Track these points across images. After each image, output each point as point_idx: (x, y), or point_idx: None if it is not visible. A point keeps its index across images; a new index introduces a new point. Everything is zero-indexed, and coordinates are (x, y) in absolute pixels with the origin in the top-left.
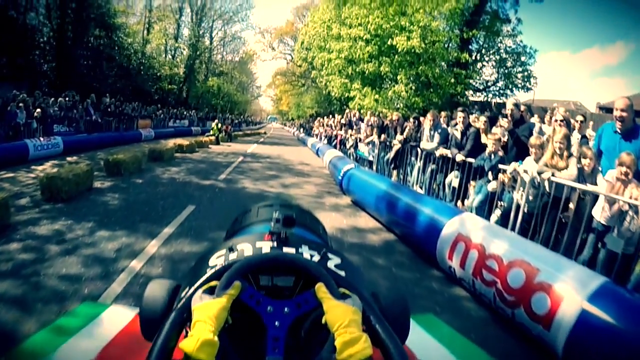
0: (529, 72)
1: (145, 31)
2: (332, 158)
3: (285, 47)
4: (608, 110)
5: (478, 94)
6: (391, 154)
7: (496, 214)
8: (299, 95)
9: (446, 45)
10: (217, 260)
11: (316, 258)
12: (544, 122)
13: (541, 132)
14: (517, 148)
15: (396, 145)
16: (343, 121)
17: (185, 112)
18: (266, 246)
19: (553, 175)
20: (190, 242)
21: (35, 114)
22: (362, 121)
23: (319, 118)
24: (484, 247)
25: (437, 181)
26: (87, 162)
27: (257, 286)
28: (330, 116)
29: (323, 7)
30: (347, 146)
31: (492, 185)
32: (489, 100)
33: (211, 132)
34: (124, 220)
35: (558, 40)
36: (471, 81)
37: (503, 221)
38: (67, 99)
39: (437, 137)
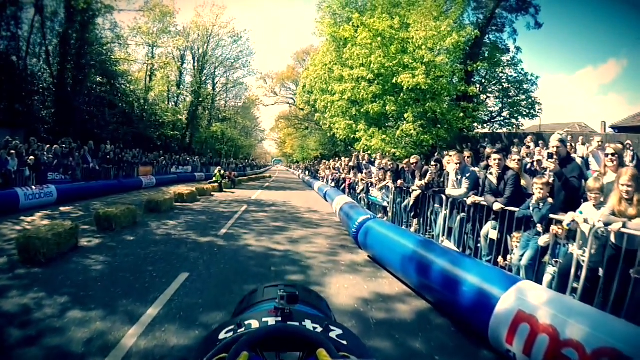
0: (533, 99)
1: (147, 78)
2: (343, 205)
3: (287, 92)
4: (621, 129)
5: (483, 126)
6: (410, 201)
7: (549, 272)
8: (302, 138)
9: (451, 80)
10: (226, 335)
11: (319, 330)
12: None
13: (586, 171)
14: (565, 192)
15: (416, 191)
16: (351, 164)
17: (188, 158)
18: (272, 321)
19: (624, 226)
20: (177, 330)
21: (28, 161)
22: (373, 164)
23: (324, 161)
24: (557, 331)
25: (466, 229)
26: (71, 221)
27: None
28: (337, 158)
29: (323, 50)
30: (358, 191)
31: (544, 239)
32: (495, 131)
33: (214, 179)
34: (103, 294)
35: (551, 64)
36: (477, 114)
37: (561, 282)
38: (63, 145)
39: (465, 183)
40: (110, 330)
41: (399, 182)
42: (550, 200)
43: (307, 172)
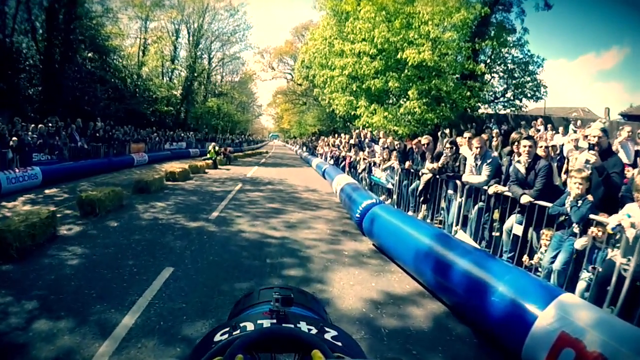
0: (538, 81)
1: (140, 53)
2: (344, 186)
3: (285, 67)
4: (630, 117)
5: (485, 106)
6: (420, 185)
7: (584, 278)
8: (300, 114)
9: (457, 57)
10: (221, 337)
11: (314, 331)
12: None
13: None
14: (605, 189)
15: (426, 174)
16: (352, 141)
17: (182, 134)
18: (266, 323)
19: None
20: (155, 347)
21: (11, 142)
22: (376, 142)
23: (323, 137)
24: None
25: (483, 220)
26: (54, 205)
27: None
28: (336, 135)
29: (323, 24)
30: (359, 170)
31: (582, 242)
32: (498, 111)
33: (208, 156)
34: (75, 297)
35: (555, 48)
36: (482, 93)
37: (598, 291)
38: (50, 124)
39: (486, 169)
40: (78, 347)
41: (407, 163)
42: (590, 197)
43: (304, 148)
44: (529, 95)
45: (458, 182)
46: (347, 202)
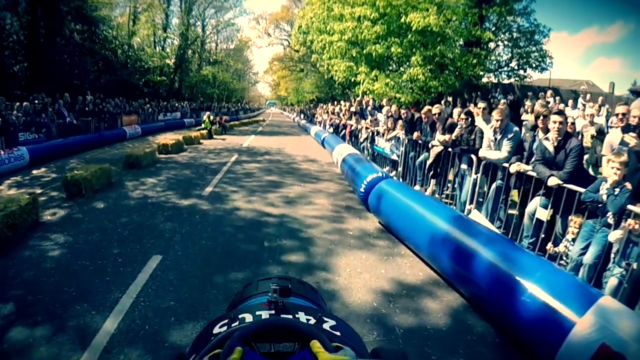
0: (544, 51)
1: (131, 22)
2: (346, 156)
3: (281, 33)
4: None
5: (488, 75)
6: (430, 158)
7: (616, 274)
8: (297, 81)
9: (462, 24)
10: (220, 329)
11: (312, 322)
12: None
13: None
14: None
15: (437, 147)
16: (353, 109)
17: (176, 104)
18: (265, 314)
19: None
20: (139, 358)
21: None
22: (379, 110)
23: (321, 104)
24: None
25: (493, 191)
26: (40, 187)
27: (262, 354)
28: (335, 102)
29: None
30: (360, 139)
31: (617, 235)
32: (501, 80)
33: (202, 126)
34: (54, 296)
35: (559, 20)
36: (487, 61)
37: (634, 291)
38: (36, 101)
39: (507, 145)
40: None
41: (416, 134)
42: (628, 185)
43: (302, 116)
44: (534, 65)
45: (473, 156)
46: (350, 175)
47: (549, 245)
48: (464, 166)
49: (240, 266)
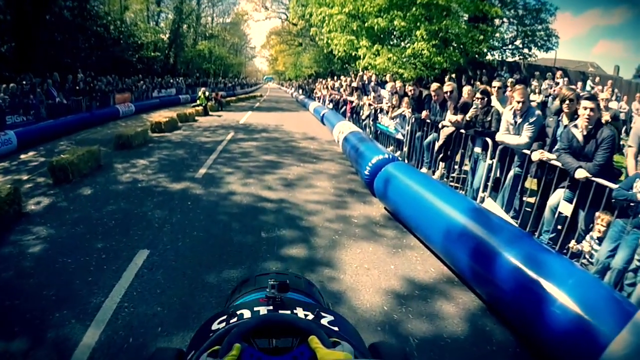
0: (551, 30)
1: None
2: (348, 135)
3: (279, 6)
4: None
5: (492, 53)
6: (439, 140)
7: None
8: (295, 55)
9: None
10: (218, 325)
11: (310, 317)
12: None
13: None
14: None
15: (448, 127)
16: (355, 85)
17: (171, 80)
18: (263, 309)
19: None
20: None
21: None
22: (382, 86)
23: (320, 79)
24: None
25: (510, 179)
26: (27, 173)
27: (260, 349)
28: (335, 77)
29: None
30: (362, 116)
31: None
32: (505, 59)
33: (198, 102)
34: (33, 302)
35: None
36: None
37: None
38: (23, 82)
39: (528, 130)
40: None
41: (424, 113)
42: None
43: (300, 91)
44: (539, 44)
45: (489, 140)
46: (353, 155)
47: (572, 243)
48: (477, 149)
49: (235, 262)
